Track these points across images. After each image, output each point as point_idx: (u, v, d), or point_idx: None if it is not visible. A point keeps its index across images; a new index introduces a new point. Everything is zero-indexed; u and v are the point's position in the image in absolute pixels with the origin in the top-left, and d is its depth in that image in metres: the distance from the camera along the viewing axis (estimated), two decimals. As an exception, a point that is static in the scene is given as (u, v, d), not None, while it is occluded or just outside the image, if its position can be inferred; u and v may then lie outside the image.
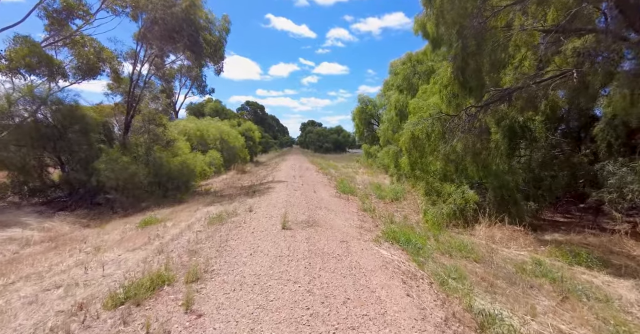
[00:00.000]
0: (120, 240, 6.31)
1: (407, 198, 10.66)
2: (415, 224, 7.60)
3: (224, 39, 15.21)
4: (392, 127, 19.80)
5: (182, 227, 6.77)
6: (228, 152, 22.55)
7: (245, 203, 8.81)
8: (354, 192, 11.12)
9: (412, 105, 11.58)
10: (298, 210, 7.32)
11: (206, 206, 9.42)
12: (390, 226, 6.91)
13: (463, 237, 6.70)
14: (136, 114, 13.62)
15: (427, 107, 8.83)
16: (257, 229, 5.77)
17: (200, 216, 7.88)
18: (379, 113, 27.39)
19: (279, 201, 8.46)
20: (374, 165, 24.12)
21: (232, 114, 35.38)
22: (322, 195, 9.87)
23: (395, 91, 17.61)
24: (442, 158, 8.27)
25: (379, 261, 4.30)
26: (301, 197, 9.03)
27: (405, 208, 9.46)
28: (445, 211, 7.37)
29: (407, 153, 9.11)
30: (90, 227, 7.81)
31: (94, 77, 13.72)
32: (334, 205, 8.40)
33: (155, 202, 11.02)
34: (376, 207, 8.91)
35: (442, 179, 8.75)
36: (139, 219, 8.47)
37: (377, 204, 9.76)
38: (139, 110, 13.95)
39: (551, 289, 3.98)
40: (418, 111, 10.98)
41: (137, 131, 14.27)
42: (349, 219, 6.89)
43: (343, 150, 67.44)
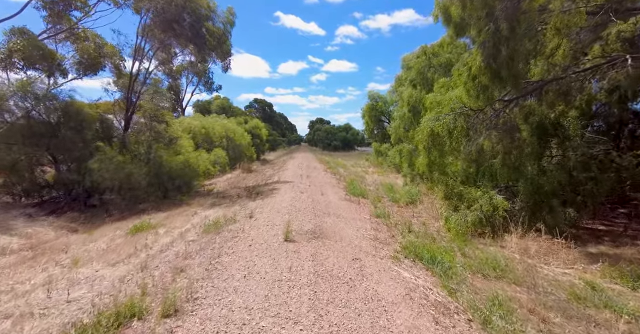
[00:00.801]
0: (105, 250, 5.64)
1: (423, 201, 9.77)
2: (436, 233, 6.75)
3: (228, 32, 14.49)
4: (404, 124, 18.86)
5: (175, 236, 6.08)
6: (234, 150, 21.94)
7: (246, 207, 8.08)
8: (365, 194, 10.29)
9: (429, 100, 10.66)
10: (303, 217, 6.54)
11: (205, 209, 8.73)
12: (408, 236, 6.08)
13: (492, 249, 5.83)
14: (137, 110, 13.05)
15: (449, 101, 7.92)
16: (255, 241, 5.01)
17: (197, 221, 7.18)
18: (389, 110, 26.40)
19: (283, 206, 7.70)
20: (384, 164, 23.21)
21: (239, 112, 34.79)
22: (331, 198, 9.07)
23: (408, 86, 16.63)
24: (465, 158, 7.38)
25: (401, 287, 3.49)
26: (307, 201, 8.26)
27: (422, 213, 8.59)
28: (470, 219, 6.50)
29: (425, 152, 8.23)
30: (79, 233, 7.19)
31: (96, 73, 13.21)
32: (343, 210, 7.59)
33: (153, 204, 10.40)
34: (390, 213, 8.08)
35: (464, 182, 7.85)
36: (133, 223, 7.83)
37: (390, 208, 8.92)
38: (139, 106, 13.38)
39: (625, 329, 3.11)
40: (435, 106, 10.07)
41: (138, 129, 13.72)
42: (361, 228, 6.08)
43: (352, 148, 66.44)
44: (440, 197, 9.09)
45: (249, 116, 35.44)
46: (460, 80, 6.99)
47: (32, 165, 9.12)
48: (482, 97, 6.71)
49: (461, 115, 7.38)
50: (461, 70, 6.87)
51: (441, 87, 11.52)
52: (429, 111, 10.66)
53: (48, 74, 11.45)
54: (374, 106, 25.77)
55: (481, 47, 6.12)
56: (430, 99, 10.65)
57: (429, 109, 10.68)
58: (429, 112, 10.81)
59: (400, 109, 20.45)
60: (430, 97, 10.74)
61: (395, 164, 21.18)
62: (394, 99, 26.22)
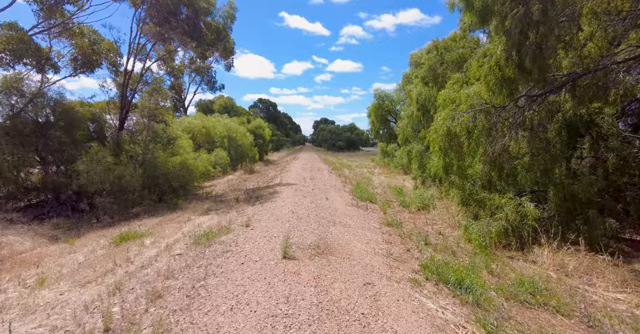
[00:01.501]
0: (82, 264, 4.97)
1: (436, 207, 9.00)
2: (455, 244, 5.99)
3: (229, 27, 13.83)
4: (412, 124, 18.11)
5: (161, 248, 5.39)
6: (236, 150, 21.31)
7: (244, 213, 7.39)
8: (373, 198, 9.54)
9: (442, 97, 9.92)
10: (306, 226, 5.82)
11: (200, 215, 8.06)
12: (425, 249, 5.34)
13: (522, 265, 5.06)
14: (133, 109, 12.45)
15: (466, 97, 7.15)
16: (249, 258, 4.30)
17: (189, 230, 6.50)
18: (396, 109, 25.61)
19: (283, 212, 6.99)
20: (391, 165, 22.42)
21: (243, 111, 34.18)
22: (336, 203, 8.34)
23: (417, 83, 15.85)
24: (485, 160, 6.60)
25: (427, 324, 2.76)
26: (311, 207, 7.54)
27: (436, 220, 7.82)
28: (494, 229, 5.72)
29: (440, 154, 7.48)
30: (59, 242, 6.55)
31: (92, 71, 12.67)
32: (350, 218, 6.86)
33: (147, 208, 9.78)
34: (402, 220, 7.33)
35: (485, 186, 7.07)
36: (121, 230, 7.19)
37: (401, 215, 8.16)
38: (135, 105, 12.78)
39: None
40: (449, 104, 9.34)
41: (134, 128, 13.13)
42: (372, 241, 5.34)
43: (356, 148, 65.65)
44: (456, 203, 8.32)
45: (252, 115, 34.82)
46: (480, 72, 6.22)
47: (17, 166, 8.51)
48: (505, 92, 5.94)
49: (481, 112, 6.61)
50: (482, 61, 6.10)
51: (455, 83, 10.76)
52: (442, 109, 9.91)
53: (38, 70, 10.92)
54: (380, 105, 24.99)
55: (507, 34, 5.34)
56: (444, 96, 9.91)
57: (442, 107, 9.93)
58: (442, 110, 10.05)
59: (408, 107, 19.69)
60: (443, 93, 10.00)
61: (403, 165, 20.41)
62: (400, 98, 25.44)
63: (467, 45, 12.47)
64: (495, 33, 7.22)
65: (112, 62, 12.84)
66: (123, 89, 11.83)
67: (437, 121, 9.31)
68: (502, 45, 5.43)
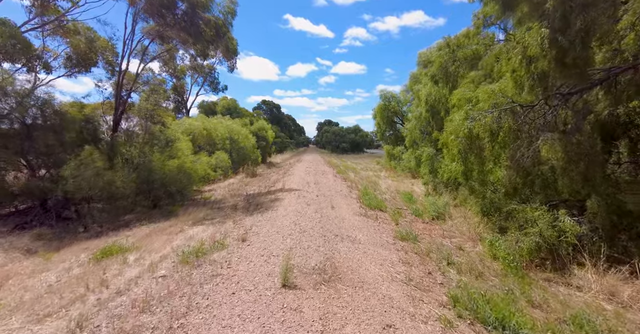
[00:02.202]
0: (49, 288, 4.30)
1: (453, 216, 8.24)
2: (480, 262, 5.23)
3: (229, 23, 13.16)
4: (420, 125, 17.34)
5: (145, 267, 4.71)
6: (238, 153, 20.67)
7: (241, 224, 6.69)
8: (382, 206, 8.80)
9: (456, 96, 9.19)
10: (310, 242, 5.10)
11: (195, 224, 7.38)
12: (448, 270, 4.59)
13: (565, 292, 4.30)
14: (128, 109, 11.85)
15: (489, 95, 6.39)
16: (242, 286, 3.60)
17: (179, 243, 5.81)
18: (403, 110, 24.83)
19: (285, 224, 6.29)
20: (398, 168, 21.64)
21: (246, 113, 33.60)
22: (343, 212, 7.62)
23: (426, 83, 15.10)
24: (513, 165, 5.84)
25: None
26: (315, 217, 6.82)
27: (454, 232, 7.06)
28: (526, 246, 4.95)
29: (459, 158, 6.73)
30: (36, 256, 5.90)
31: (88, 70, 12.12)
32: (360, 230, 6.12)
33: (140, 216, 9.12)
34: (416, 231, 6.59)
35: (510, 195, 6.30)
36: (107, 241, 6.53)
37: (415, 225, 7.42)
38: (131, 105, 12.20)
39: None
40: (465, 104, 8.62)
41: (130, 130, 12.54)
42: (386, 261, 4.60)
43: (361, 150, 64.87)
44: (475, 212, 7.56)
45: (255, 117, 34.23)
46: (507, 67, 5.47)
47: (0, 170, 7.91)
48: (538, 89, 5.18)
49: (507, 112, 5.86)
50: (511, 53, 5.35)
51: (470, 81, 10.02)
52: (457, 109, 9.19)
53: (28, 68, 10.36)
54: (386, 106, 24.23)
55: (546, 20, 4.59)
56: (458, 95, 9.18)
57: (458, 107, 9.21)
58: (456, 111, 9.34)
59: (416, 108, 18.91)
60: (458, 92, 9.27)
61: (410, 168, 19.61)
62: (407, 99, 24.66)
63: (481, 42, 11.70)
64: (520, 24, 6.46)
65: (108, 61, 12.28)
66: (117, 88, 11.24)
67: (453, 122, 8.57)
68: (536, 35, 4.68)
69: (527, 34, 4.82)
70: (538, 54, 4.70)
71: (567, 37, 4.37)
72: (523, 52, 4.90)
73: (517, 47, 5.15)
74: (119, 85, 11.21)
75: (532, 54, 4.80)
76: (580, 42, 4.01)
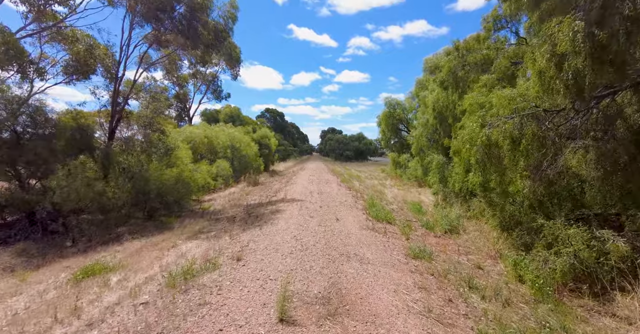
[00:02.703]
0: (14, 318, 3.77)
1: (467, 229, 7.63)
2: (504, 284, 4.62)
3: (230, 28, 12.85)
4: (427, 133, 16.82)
5: (127, 291, 4.17)
6: (239, 161, 20.24)
7: (238, 239, 6.15)
8: (390, 219, 8.21)
9: (468, 101, 8.68)
10: (312, 262, 4.55)
11: (188, 239, 6.85)
12: (470, 296, 4.00)
13: (611, 325, 3.68)
14: (125, 117, 11.49)
15: (509, 100, 5.86)
16: (231, 320, 3.04)
17: (169, 261, 5.28)
18: (408, 118, 24.35)
19: (285, 239, 5.74)
20: (403, 176, 21.05)
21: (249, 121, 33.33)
22: (349, 225, 7.05)
23: (434, 88, 14.65)
24: (538, 176, 5.27)
25: None
26: (318, 232, 6.26)
27: (470, 248, 6.45)
28: (559, 268, 4.34)
29: (476, 168, 6.16)
30: (13, 276, 5.39)
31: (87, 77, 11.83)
32: (368, 247, 5.55)
33: (133, 228, 8.62)
34: (429, 246, 5.99)
35: (534, 208, 5.71)
36: (94, 258, 6.04)
37: (427, 240, 6.83)
38: (129, 113, 11.84)
39: None
40: (477, 110, 8.12)
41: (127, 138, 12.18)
42: (400, 285, 4.02)
43: (364, 158, 64.38)
44: (492, 226, 6.95)
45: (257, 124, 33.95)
46: (533, 68, 4.95)
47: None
48: (572, 91, 4.63)
49: (531, 118, 5.32)
50: (537, 53, 4.83)
51: (482, 86, 9.51)
52: (469, 115, 8.68)
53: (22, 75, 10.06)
54: (391, 113, 23.78)
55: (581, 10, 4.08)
56: (470, 100, 8.66)
57: (470, 113, 8.70)
58: (468, 116, 8.82)
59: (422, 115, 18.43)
60: (470, 97, 8.76)
61: (417, 177, 19.04)
62: (413, 106, 24.23)
63: (492, 46, 11.26)
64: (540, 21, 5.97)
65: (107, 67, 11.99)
66: (114, 95, 10.90)
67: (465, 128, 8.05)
68: (567, 29, 4.17)
69: (558, 28, 4.30)
70: (570, 50, 4.18)
71: (606, 30, 3.85)
72: (552, 50, 4.37)
73: (543, 46, 4.63)
74: (116, 92, 10.88)
75: (563, 51, 4.28)
76: (625, 34, 3.49)
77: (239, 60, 31.54)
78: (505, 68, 10.10)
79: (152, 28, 10.14)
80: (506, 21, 11.62)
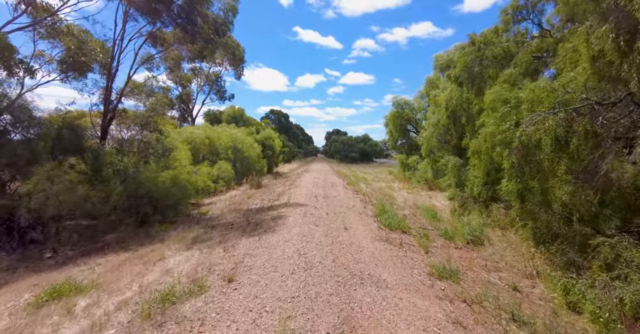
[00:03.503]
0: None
1: (490, 238, 6.76)
2: (553, 314, 3.76)
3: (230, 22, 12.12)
4: (438, 133, 15.96)
5: (91, 321, 3.40)
6: (242, 162, 19.52)
7: (233, 252, 5.36)
8: (404, 227, 7.38)
9: (491, 97, 7.87)
10: (319, 287, 3.74)
11: (179, 250, 6.08)
12: (517, 332, 3.16)
13: None
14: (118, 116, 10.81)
15: (554, 90, 4.99)
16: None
17: (151, 280, 4.51)
18: (417, 118, 23.47)
19: (286, 254, 4.94)
20: (412, 179, 20.16)
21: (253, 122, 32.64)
22: (359, 236, 6.23)
23: (447, 86, 13.80)
24: (596, 182, 4.40)
25: None
26: (325, 244, 5.46)
27: (499, 263, 5.59)
28: (629, 298, 3.48)
29: (512, 174, 5.30)
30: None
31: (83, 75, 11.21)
32: (383, 264, 4.72)
33: (122, 236, 7.89)
34: (452, 260, 5.15)
35: (584, 220, 4.83)
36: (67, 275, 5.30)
37: (447, 252, 5.98)
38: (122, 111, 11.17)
39: None
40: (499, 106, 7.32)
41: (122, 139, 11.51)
42: (430, 320, 3.18)
43: (370, 159, 63.46)
44: (523, 237, 6.08)
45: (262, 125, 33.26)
46: (588, 52, 4.10)
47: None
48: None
49: (581, 112, 4.46)
50: (592, 36, 3.97)
51: (504, 81, 8.64)
52: (491, 113, 7.86)
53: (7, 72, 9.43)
54: (399, 113, 22.93)
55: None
56: (492, 96, 7.84)
57: (492, 110, 7.89)
58: (490, 114, 8.00)
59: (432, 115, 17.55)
60: (492, 93, 7.93)
61: (427, 179, 18.17)
62: (422, 106, 23.35)
63: (512, 39, 10.38)
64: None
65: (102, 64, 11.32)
66: (106, 93, 10.22)
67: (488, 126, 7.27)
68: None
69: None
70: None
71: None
72: (616, 27, 3.52)
73: (601, 25, 3.78)
74: (108, 89, 10.20)
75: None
76: None
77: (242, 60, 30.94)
78: (527, 63, 9.26)
79: (147, 21, 9.44)
80: (527, 12, 10.76)
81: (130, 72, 10.85)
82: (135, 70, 10.92)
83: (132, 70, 10.87)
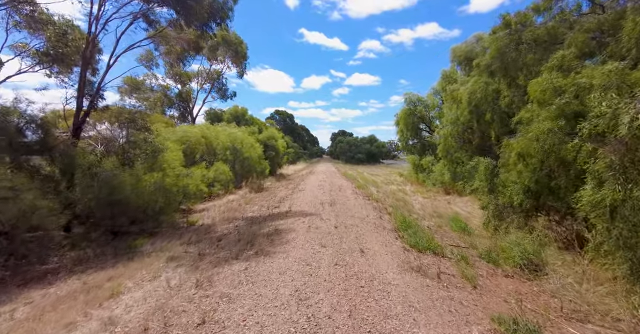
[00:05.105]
0: None
1: (553, 266, 5.15)
2: None
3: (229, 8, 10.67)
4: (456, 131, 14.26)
5: None
6: (241, 164, 18.08)
7: (208, 290, 3.85)
8: (435, 246, 5.80)
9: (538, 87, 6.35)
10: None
11: (144, 280, 4.59)
12: None
13: None
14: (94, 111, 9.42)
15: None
16: None
17: (95, 329, 3.02)
18: (431, 116, 21.79)
19: (279, 299, 3.41)
20: (427, 182, 18.51)
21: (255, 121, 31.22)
22: (380, 263, 4.67)
23: (472, 76, 12.18)
24: None
25: None
26: (335, 280, 3.92)
27: (580, 306, 3.98)
28: None
29: (607, 176, 3.71)
30: None
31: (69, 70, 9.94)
32: (425, 318, 3.16)
33: (86, 254, 6.45)
34: (511, 298, 3.58)
35: None
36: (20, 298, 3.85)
37: (495, 282, 4.40)
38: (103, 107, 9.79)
39: None
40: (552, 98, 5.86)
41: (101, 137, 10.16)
42: None
43: (377, 161, 61.73)
44: (611, 266, 4.45)
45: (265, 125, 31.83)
46: None
47: None
48: None
49: None
50: None
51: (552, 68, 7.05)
52: (539, 106, 6.37)
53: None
54: (412, 111, 21.28)
55: None
56: (541, 85, 6.32)
57: (539, 103, 6.38)
58: (537, 107, 6.51)
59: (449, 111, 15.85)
60: (540, 82, 6.40)
61: (444, 182, 16.50)
62: (435, 103, 21.69)
63: (557, 17, 8.73)
64: None
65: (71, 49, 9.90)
66: (80, 84, 8.83)
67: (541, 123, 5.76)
68: None
69: None
70: None
71: None
72: None
73: None
74: (82, 80, 8.81)
75: None
76: None
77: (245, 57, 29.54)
78: (583, 43, 7.62)
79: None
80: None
81: (110, 60, 9.44)
82: (117, 59, 9.51)
83: (111, 58, 9.46)
